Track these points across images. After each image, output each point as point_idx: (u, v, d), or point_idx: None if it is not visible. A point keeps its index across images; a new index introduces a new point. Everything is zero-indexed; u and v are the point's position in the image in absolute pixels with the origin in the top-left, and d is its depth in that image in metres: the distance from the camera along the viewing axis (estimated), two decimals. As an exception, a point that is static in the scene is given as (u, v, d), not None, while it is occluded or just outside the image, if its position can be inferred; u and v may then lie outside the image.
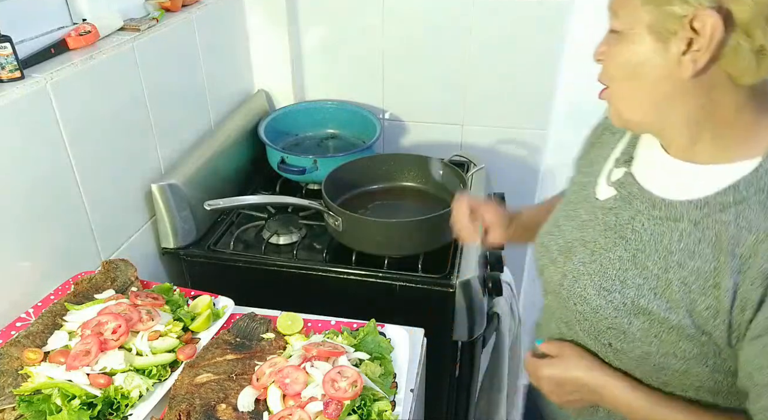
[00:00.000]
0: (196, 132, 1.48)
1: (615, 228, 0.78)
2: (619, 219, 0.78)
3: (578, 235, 0.84)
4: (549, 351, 0.87)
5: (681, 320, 0.70)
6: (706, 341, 0.69)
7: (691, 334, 0.70)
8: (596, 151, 0.90)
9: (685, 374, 0.74)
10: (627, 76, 0.69)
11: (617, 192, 0.79)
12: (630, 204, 0.77)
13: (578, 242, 0.83)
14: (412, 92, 1.78)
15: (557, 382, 0.84)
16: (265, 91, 1.79)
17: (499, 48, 1.64)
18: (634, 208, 0.76)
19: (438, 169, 1.42)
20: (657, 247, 0.72)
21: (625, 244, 0.76)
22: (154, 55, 1.26)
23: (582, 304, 0.80)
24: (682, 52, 0.63)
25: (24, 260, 0.99)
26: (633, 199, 0.77)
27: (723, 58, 0.61)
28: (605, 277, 0.77)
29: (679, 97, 0.66)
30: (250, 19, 1.68)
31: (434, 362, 1.15)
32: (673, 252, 0.70)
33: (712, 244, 0.67)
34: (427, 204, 1.46)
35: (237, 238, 1.39)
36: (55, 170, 1.03)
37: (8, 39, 0.93)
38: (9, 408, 0.80)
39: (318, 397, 0.81)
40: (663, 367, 0.75)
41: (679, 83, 0.65)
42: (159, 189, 1.29)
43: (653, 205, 0.74)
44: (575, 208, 0.87)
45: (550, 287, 0.89)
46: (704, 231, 0.68)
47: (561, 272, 0.85)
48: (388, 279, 1.27)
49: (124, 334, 0.87)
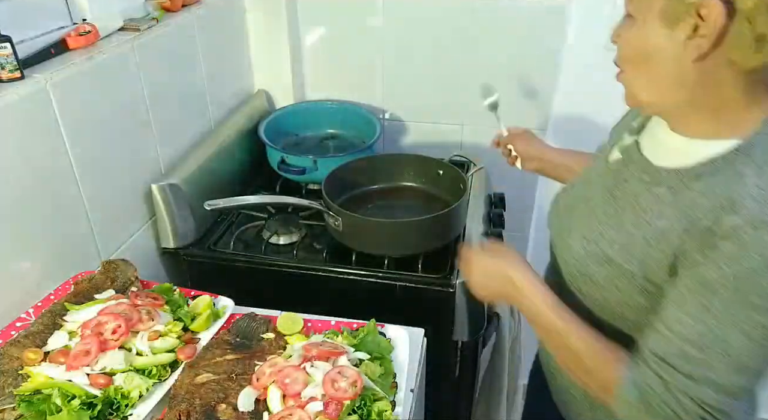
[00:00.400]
0: (196, 132, 1.48)
1: (610, 188, 0.86)
2: (615, 180, 0.85)
3: (583, 194, 0.93)
4: (491, 247, 0.95)
5: (637, 273, 0.77)
6: (659, 297, 0.76)
7: (645, 288, 0.77)
8: (624, 121, 0.98)
9: (638, 330, 0.79)
10: (639, 59, 0.74)
11: (622, 156, 0.87)
12: (627, 168, 0.84)
13: (581, 200, 0.92)
14: (412, 92, 1.78)
15: (490, 273, 0.93)
16: (265, 91, 1.79)
17: (500, 48, 1.65)
18: (630, 171, 0.83)
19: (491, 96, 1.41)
20: (635, 207, 0.79)
21: (614, 203, 0.84)
22: (154, 55, 1.26)
23: (567, 251, 0.88)
24: (688, 37, 0.68)
25: (24, 260, 0.99)
26: (631, 164, 0.84)
27: (725, 43, 0.66)
28: (589, 229, 0.85)
29: (684, 79, 0.71)
30: (250, 19, 1.68)
31: (434, 362, 1.15)
32: (647, 212, 0.77)
33: (678, 208, 0.73)
34: (427, 204, 1.46)
35: (237, 238, 1.39)
36: (55, 170, 1.03)
37: (8, 39, 0.93)
38: (9, 408, 0.80)
39: (318, 397, 0.81)
40: (618, 318, 0.82)
41: (684, 66, 0.70)
42: (159, 189, 1.29)
43: (644, 171, 0.81)
44: (590, 170, 0.96)
45: (551, 238, 0.98)
46: (675, 196, 0.75)
47: (560, 225, 0.95)
48: (388, 279, 1.27)
49: (124, 334, 0.87)
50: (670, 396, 0.71)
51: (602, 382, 0.80)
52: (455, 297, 1.25)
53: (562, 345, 0.84)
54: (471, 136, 1.80)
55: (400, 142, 1.88)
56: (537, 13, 1.58)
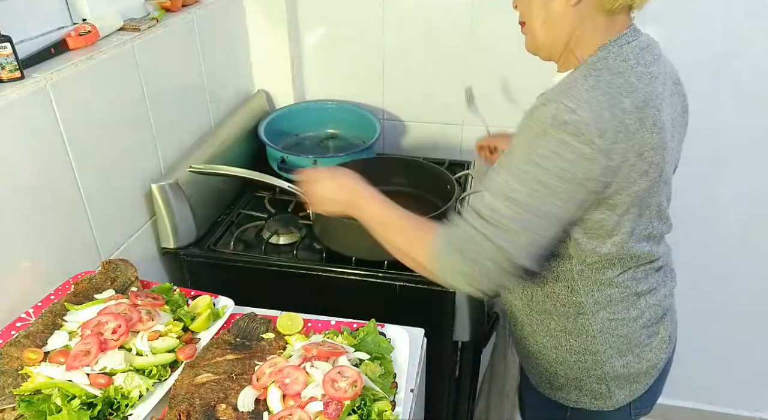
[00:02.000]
0: (196, 132, 1.48)
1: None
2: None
3: None
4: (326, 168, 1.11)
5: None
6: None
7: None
8: None
9: None
10: (538, 12, 0.94)
11: None
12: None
13: None
14: (412, 92, 1.78)
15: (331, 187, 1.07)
16: (265, 91, 1.79)
17: (499, 48, 1.65)
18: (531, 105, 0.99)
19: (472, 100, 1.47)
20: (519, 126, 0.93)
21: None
22: (154, 55, 1.26)
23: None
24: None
25: (24, 260, 0.99)
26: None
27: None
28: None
29: (566, 23, 0.92)
30: (250, 19, 1.68)
31: (434, 362, 1.15)
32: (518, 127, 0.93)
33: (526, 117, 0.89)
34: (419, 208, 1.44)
35: (237, 238, 1.39)
36: (55, 170, 1.03)
37: (8, 39, 0.93)
38: (9, 408, 0.80)
39: (318, 397, 0.81)
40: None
41: (567, 12, 0.91)
42: (159, 189, 1.29)
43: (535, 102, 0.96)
44: None
45: None
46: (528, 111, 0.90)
47: None
48: (389, 279, 1.27)
49: (124, 334, 0.87)
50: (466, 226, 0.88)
51: (421, 247, 0.94)
52: (455, 297, 1.25)
53: (391, 229, 1.00)
54: (471, 136, 1.79)
55: (400, 143, 1.88)
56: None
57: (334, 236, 1.31)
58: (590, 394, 1.09)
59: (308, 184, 1.10)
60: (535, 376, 1.16)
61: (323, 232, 1.33)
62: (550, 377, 1.12)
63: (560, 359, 1.08)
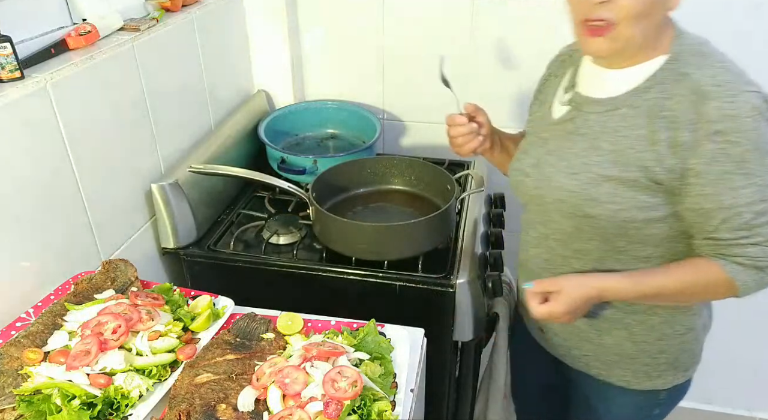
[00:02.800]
0: (196, 132, 1.48)
1: (573, 131, 1.03)
2: (575, 123, 1.03)
3: (543, 151, 1.07)
4: (546, 288, 1.02)
5: (636, 175, 0.94)
6: (658, 189, 0.94)
7: (646, 185, 0.94)
8: (543, 94, 1.17)
9: (646, 232, 0.98)
10: (641, 11, 0.89)
11: (570, 107, 1.05)
12: (580, 110, 1.02)
13: (544, 154, 1.07)
14: (412, 92, 1.78)
15: (572, 311, 1.01)
16: (265, 91, 1.79)
17: (499, 48, 1.64)
18: (585, 111, 1.02)
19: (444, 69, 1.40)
20: (606, 130, 0.98)
21: (583, 138, 1.01)
22: (154, 55, 1.26)
23: (559, 192, 1.02)
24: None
25: (24, 260, 0.99)
26: (583, 106, 1.02)
27: None
28: (570, 165, 1.01)
29: (657, 22, 0.92)
30: (250, 19, 1.68)
31: (434, 362, 1.15)
32: (619, 129, 0.96)
33: (645, 115, 0.93)
34: (415, 207, 1.45)
35: (237, 238, 1.39)
36: (55, 170, 1.03)
37: (8, 39, 0.93)
38: (9, 408, 0.80)
39: (318, 397, 0.81)
40: (628, 222, 0.97)
41: (657, 5, 0.90)
42: (159, 189, 1.29)
43: (599, 104, 1.00)
44: (537, 133, 1.12)
45: (528, 197, 1.12)
46: (637, 108, 0.95)
47: (534, 180, 1.07)
48: (388, 279, 1.27)
49: (124, 334, 0.87)
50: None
51: (721, 289, 0.96)
52: (455, 297, 1.25)
53: (668, 296, 1.00)
54: (471, 136, 1.79)
55: (400, 143, 1.88)
56: (537, 14, 1.58)
57: (334, 236, 1.31)
58: (683, 366, 1.14)
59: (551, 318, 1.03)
60: (627, 375, 1.14)
61: (323, 232, 1.33)
62: (649, 370, 1.13)
63: (663, 348, 1.10)
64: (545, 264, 1.12)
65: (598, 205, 0.97)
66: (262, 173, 1.34)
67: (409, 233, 1.27)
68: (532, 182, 1.08)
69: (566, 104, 1.06)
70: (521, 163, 1.12)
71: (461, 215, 1.44)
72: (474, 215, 1.45)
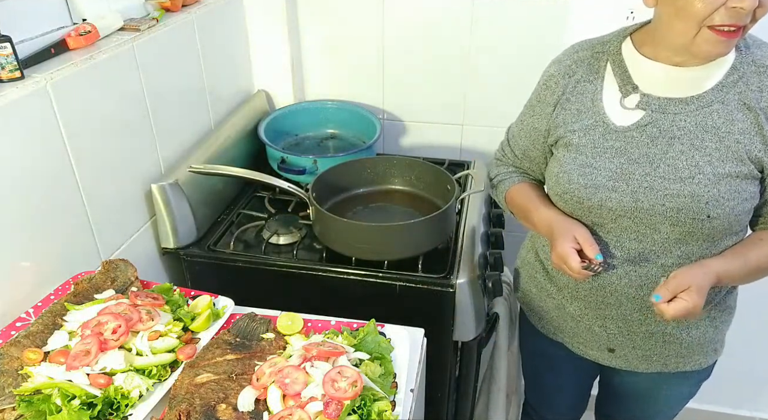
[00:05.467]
0: (196, 132, 1.48)
1: (661, 135, 1.00)
2: (659, 126, 1.00)
3: (620, 160, 1.02)
4: (678, 286, 0.98)
5: (750, 168, 0.97)
6: (759, 178, 0.99)
7: (755, 175, 0.98)
8: (579, 102, 1.07)
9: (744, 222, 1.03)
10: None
11: (645, 111, 1.01)
12: (664, 112, 1.00)
13: (626, 163, 1.02)
14: (412, 92, 1.78)
15: (704, 302, 0.99)
16: (265, 91, 1.79)
17: (500, 48, 1.65)
18: (670, 112, 1.00)
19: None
20: (705, 128, 0.98)
21: (679, 140, 0.99)
22: (154, 55, 1.26)
23: (674, 199, 0.99)
24: None
25: (24, 260, 0.99)
26: (667, 107, 1.00)
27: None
28: (677, 170, 0.99)
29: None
30: (250, 19, 1.68)
31: (434, 362, 1.15)
32: (718, 126, 0.97)
33: (740, 108, 0.97)
34: (415, 207, 1.45)
35: (237, 238, 1.39)
36: (55, 170, 1.03)
37: (8, 39, 0.93)
38: (9, 408, 0.80)
39: (318, 397, 0.81)
40: (740, 215, 0.99)
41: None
42: (159, 189, 1.29)
43: (686, 103, 0.99)
44: (599, 145, 1.04)
45: (620, 211, 1.03)
46: (730, 103, 0.97)
47: (629, 192, 1.01)
48: (388, 279, 1.27)
49: (124, 334, 0.87)
50: None
51: None
52: (455, 297, 1.25)
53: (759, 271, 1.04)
54: (471, 136, 1.79)
55: (400, 143, 1.88)
56: (538, 13, 1.58)
57: (334, 236, 1.31)
58: (721, 344, 1.20)
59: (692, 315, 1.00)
60: (700, 359, 1.18)
61: (323, 232, 1.33)
62: (717, 347, 1.19)
63: (717, 338, 1.17)
64: (640, 280, 1.07)
65: (719, 205, 0.97)
66: (262, 173, 1.34)
67: (409, 233, 1.27)
68: (621, 196, 1.01)
69: (637, 108, 1.01)
70: (589, 178, 1.03)
71: (461, 215, 1.44)
72: (474, 215, 1.45)
